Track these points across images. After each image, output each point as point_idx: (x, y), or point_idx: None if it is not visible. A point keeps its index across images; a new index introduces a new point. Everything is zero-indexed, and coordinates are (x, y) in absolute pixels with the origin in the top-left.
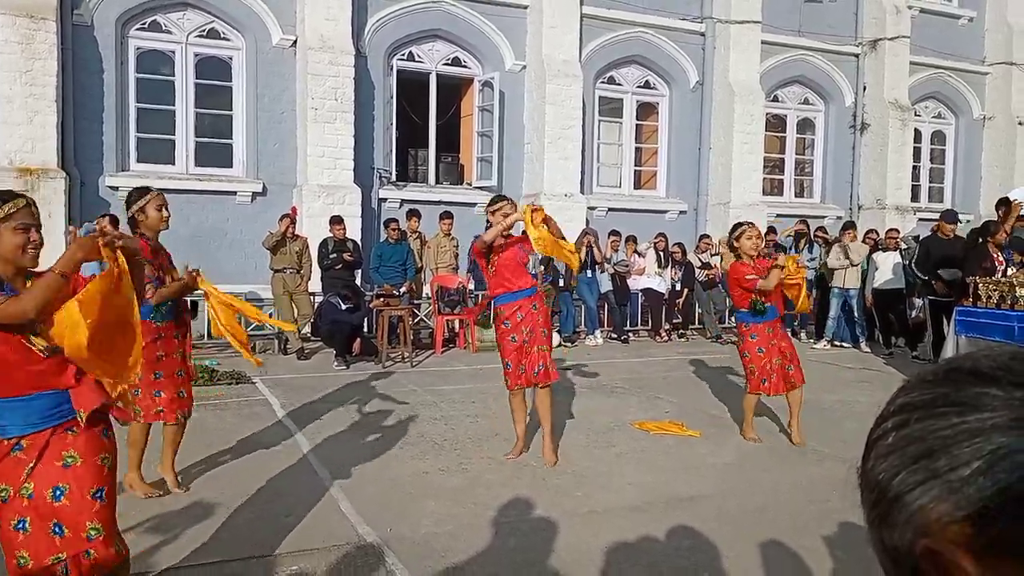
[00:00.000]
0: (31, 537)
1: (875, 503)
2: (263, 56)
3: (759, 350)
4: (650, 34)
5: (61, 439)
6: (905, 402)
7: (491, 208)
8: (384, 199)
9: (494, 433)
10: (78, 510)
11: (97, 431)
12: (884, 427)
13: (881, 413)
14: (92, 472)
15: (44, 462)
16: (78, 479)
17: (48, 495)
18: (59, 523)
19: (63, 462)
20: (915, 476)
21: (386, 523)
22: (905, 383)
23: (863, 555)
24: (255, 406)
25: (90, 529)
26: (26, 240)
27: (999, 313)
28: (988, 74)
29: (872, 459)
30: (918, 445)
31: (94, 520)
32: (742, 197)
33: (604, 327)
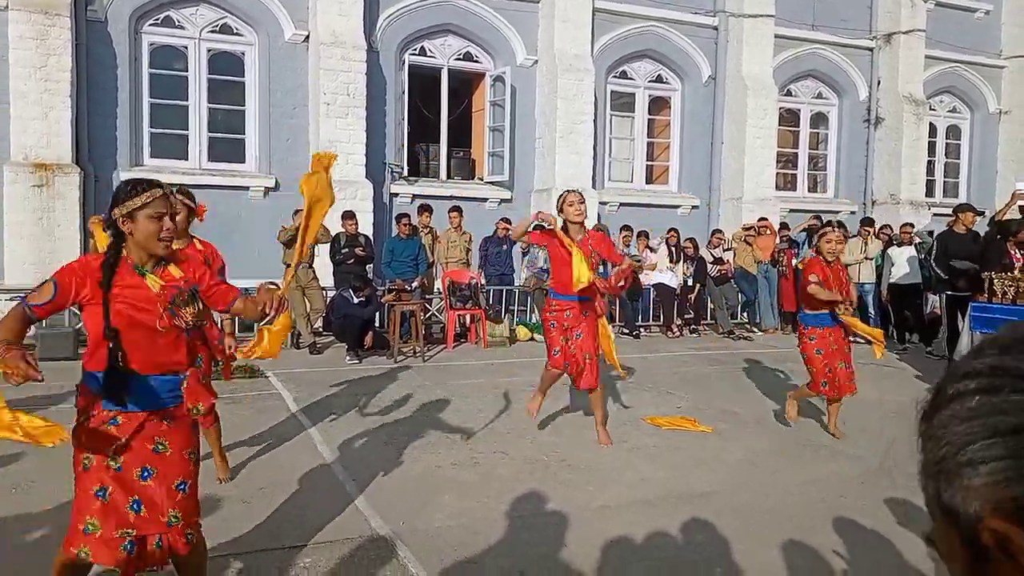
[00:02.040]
0: (108, 507)
1: (941, 459)
2: (275, 51)
3: (817, 351)
4: (662, 28)
5: (156, 425)
6: (999, 364)
7: (559, 205)
8: (396, 194)
9: (506, 428)
10: (161, 495)
11: (188, 426)
12: (967, 385)
13: (964, 366)
14: (179, 463)
15: (137, 442)
16: (166, 466)
17: (136, 473)
18: (139, 500)
19: (154, 447)
20: (995, 450)
21: (399, 516)
22: (1000, 334)
23: (874, 554)
24: (268, 400)
25: (171, 516)
26: (160, 228)
27: (1015, 309)
28: (1004, 68)
29: (947, 415)
30: (1006, 418)
31: (176, 508)
32: (755, 192)
33: (616, 322)
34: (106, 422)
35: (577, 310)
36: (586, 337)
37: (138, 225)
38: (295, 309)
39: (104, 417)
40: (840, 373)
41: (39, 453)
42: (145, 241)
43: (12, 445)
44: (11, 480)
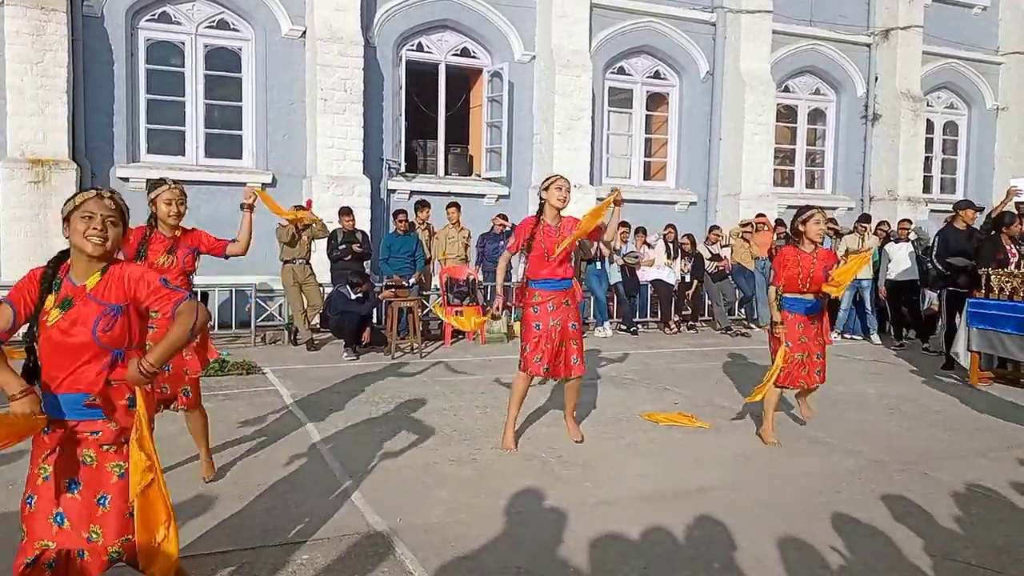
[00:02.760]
0: (35, 514)
1: None
2: (272, 47)
3: (786, 344)
4: (660, 24)
5: (85, 438)
6: None
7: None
8: (393, 190)
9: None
10: (84, 509)
11: (119, 439)
12: None
13: None
14: (102, 477)
15: (67, 452)
16: (89, 480)
17: (64, 484)
18: (62, 513)
19: (82, 459)
20: None
21: (396, 513)
22: None
23: (870, 548)
24: (265, 396)
25: (92, 531)
26: (87, 226)
27: (1011, 305)
28: (1002, 64)
29: None
30: None
31: (95, 523)
32: (753, 188)
33: (613, 318)
34: (42, 428)
35: (559, 299)
36: (567, 326)
37: (73, 227)
38: (292, 305)
39: (40, 423)
40: (808, 364)
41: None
42: (77, 243)
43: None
44: (7, 477)
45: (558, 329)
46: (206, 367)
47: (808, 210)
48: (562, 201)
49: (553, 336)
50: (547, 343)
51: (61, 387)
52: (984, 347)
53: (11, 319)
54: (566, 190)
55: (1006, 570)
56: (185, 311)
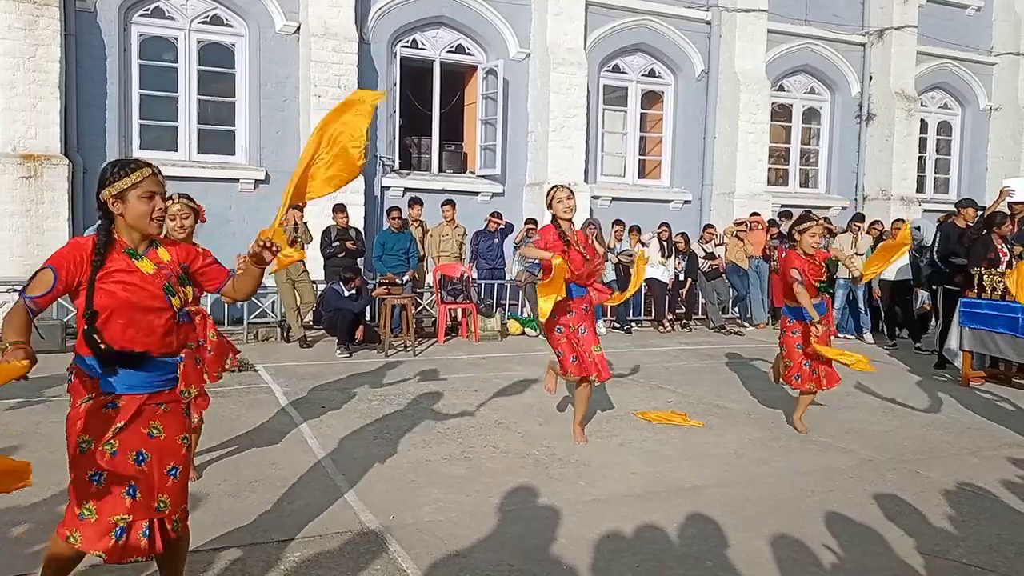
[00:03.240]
0: (103, 491)
1: None
2: (266, 43)
3: (798, 346)
4: (655, 22)
5: (153, 409)
6: None
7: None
8: (387, 187)
9: (497, 423)
10: (154, 480)
11: (182, 411)
12: None
13: None
14: (172, 448)
15: (133, 426)
16: (159, 451)
17: (131, 457)
18: (135, 485)
19: (149, 431)
20: None
21: (389, 511)
22: None
23: (863, 546)
24: (258, 393)
25: (160, 501)
26: (151, 208)
27: (1004, 304)
28: (995, 64)
29: None
30: None
31: (165, 494)
32: (747, 187)
33: (607, 317)
34: (105, 405)
35: (579, 306)
36: (589, 333)
37: (129, 205)
38: (285, 303)
39: (103, 401)
40: (822, 367)
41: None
42: (137, 221)
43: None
44: None
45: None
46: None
47: (807, 220)
48: (569, 211)
49: (580, 336)
50: (576, 343)
51: (148, 350)
52: (976, 346)
53: (51, 284)
54: (568, 199)
55: (997, 568)
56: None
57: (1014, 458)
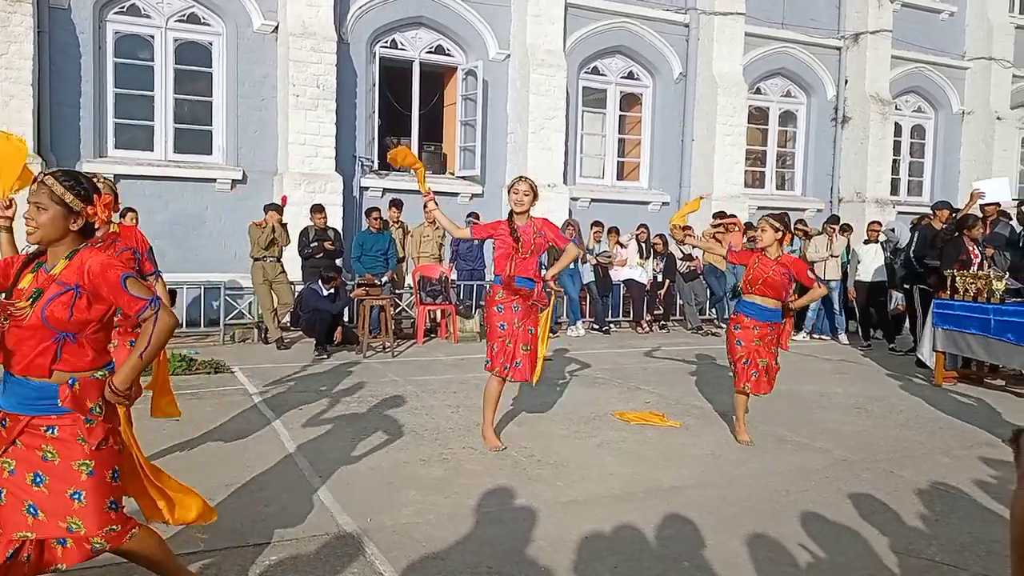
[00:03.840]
0: (4, 508)
1: None
2: (244, 42)
3: (737, 343)
4: (634, 24)
5: (40, 433)
6: None
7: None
8: (366, 188)
9: (475, 423)
10: (56, 502)
11: (75, 438)
12: None
13: None
14: (68, 475)
15: (25, 446)
16: (56, 476)
17: (28, 478)
18: (34, 505)
19: (43, 455)
20: None
21: (366, 513)
22: None
23: (837, 545)
24: (233, 395)
25: (71, 523)
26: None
27: (976, 306)
28: (968, 69)
29: None
30: None
31: (75, 516)
32: (724, 189)
33: (586, 318)
34: (0, 422)
35: (524, 300)
36: (527, 329)
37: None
38: (262, 304)
39: (0, 416)
40: (759, 369)
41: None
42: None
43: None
44: None
45: (520, 330)
46: None
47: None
48: (520, 205)
49: (517, 335)
50: (510, 342)
51: (16, 370)
52: (949, 347)
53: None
54: (522, 192)
55: (969, 566)
56: (147, 326)
57: (985, 457)
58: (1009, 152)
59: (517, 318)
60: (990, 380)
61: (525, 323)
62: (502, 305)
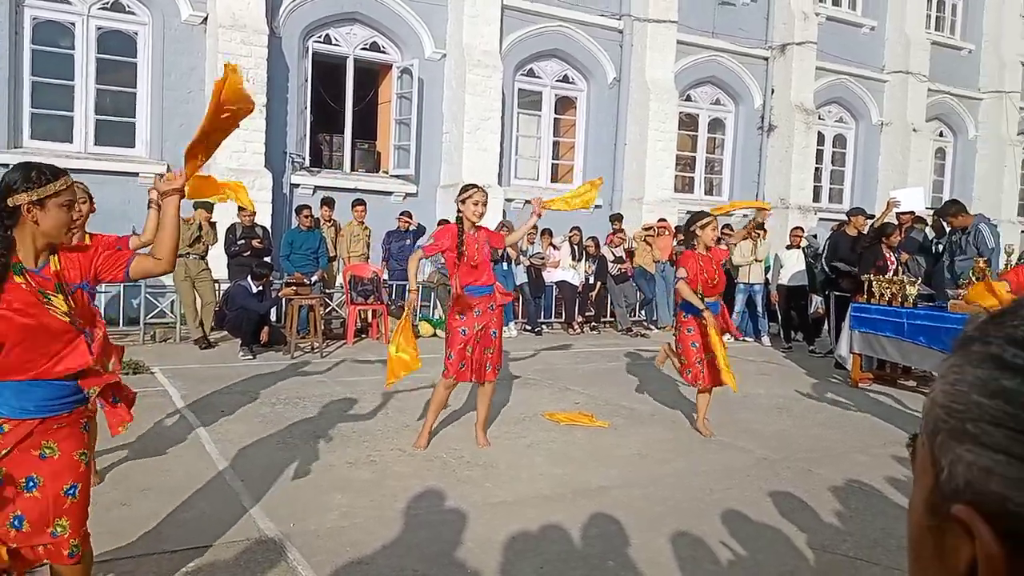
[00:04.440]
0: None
1: (950, 409)
2: (171, 32)
3: (692, 344)
4: (570, 28)
5: (46, 430)
6: None
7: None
8: (296, 185)
9: (404, 425)
10: (47, 505)
11: (79, 425)
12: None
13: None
14: (68, 466)
15: (21, 450)
16: (53, 472)
17: (20, 484)
18: (21, 517)
19: (40, 452)
20: (1015, 447)
21: (290, 518)
22: None
23: (758, 543)
24: (153, 398)
25: (56, 525)
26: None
27: (890, 310)
28: (887, 82)
29: (977, 374)
30: None
31: (63, 516)
32: (655, 193)
33: (518, 319)
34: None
35: (485, 305)
36: (492, 332)
37: (49, 214)
38: (183, 302)
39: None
40: (709, 364)
41: None
42: (54, 231)
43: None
44: None
45: (482, 334)
46: None
47: (704, 216)
48: (479, 216)
49: (477, 340)
50: (471, 349)
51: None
52: (865, 349)
53: None
54: (483, 204)
55: (880, 561)
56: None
57: (898, 456)
58: (923, 163)
59: (478, 322)
60: (903, 381)
61: (487, 327)
62: (463, 313)
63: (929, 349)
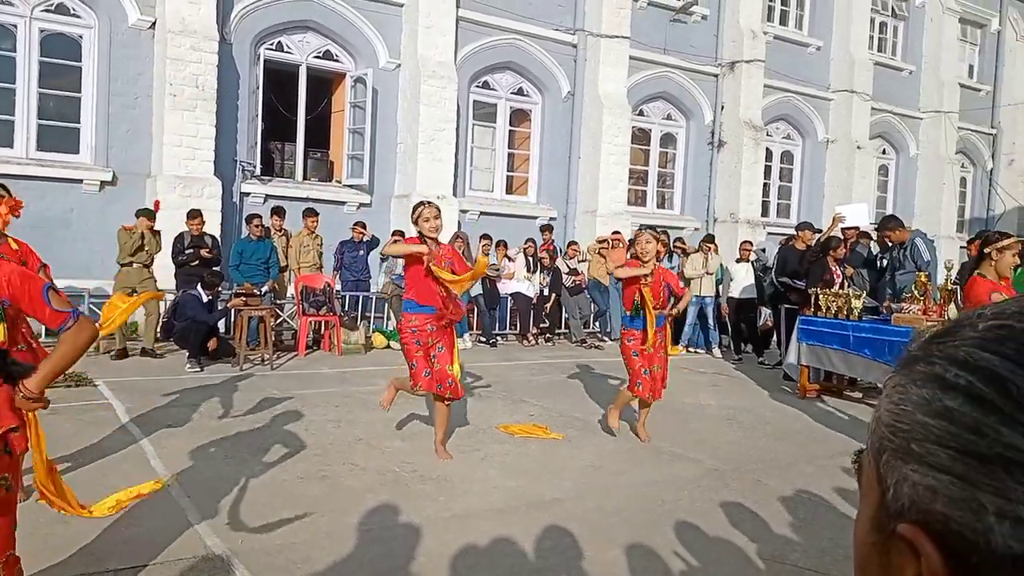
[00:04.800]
0: None
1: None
2: (118, 37)
3: (634, 353)
4: (524, 42)
5: None
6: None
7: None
8: (247, 193)
9: (357, 438)
10: None
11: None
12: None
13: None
14: None
15: None
16: None
17: None
18: None
19: None
20: (957, 467)
21: (238, 534)
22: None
23: (709, 553)
24: (96, 411)
25: None
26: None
27: (836, 323)
28: (832, 100)
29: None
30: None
31: None
32: (608, 206)
33: (473, 330)
34: None
35: (437, 322)
36: (447, 351)
37: None
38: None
39: None
40: (655, 375)
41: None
42: None
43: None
44: None
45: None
46: None
47: (639, 231)
48: (435, 231)
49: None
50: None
51: None
52: (813, 361)
53: None
54: (435, 218)
55: (828, 571)
56: (69, 336)
57: (845, 466)
58: (867, 179)
59: (432, 338)
60: (849, 392)
61: (446, 343)
62: (416, 329)
63: (874, 361)
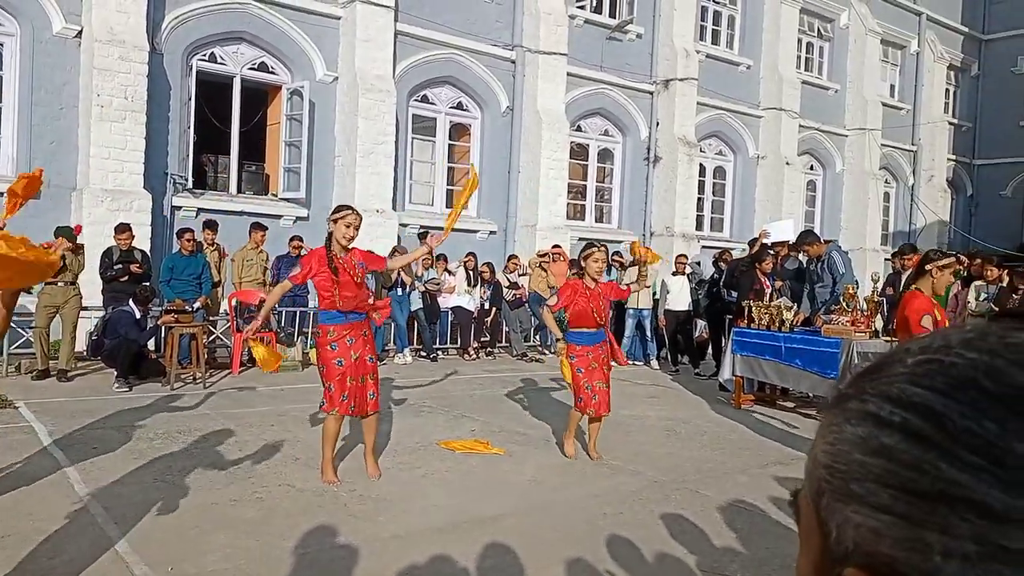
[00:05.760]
0: None
1: (832, 470)
2: (41, 45)
3: (578, 370)
4: (463, 57)
5: None
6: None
7: (333, 216)
8: (178, 207)
9: (294, 458)
10: None
11: None
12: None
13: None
14: None
15: None
16: None
17: None
18: None
19: None
20: (899, 506)
21: (167, 561)
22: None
23: (651, 565)
24: (16, 434)
25: None
26: None
27: (768, 334)
28: (762, 117)
29: (855, 432)
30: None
31: None
32: (548, 220)
33: (413, 345)
34: None
35: (358, 331)
36: (368, 358)
37: None
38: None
39: None
40: (598, 392)
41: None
42: None
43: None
44: None
45: (358, 362)
46: None
47: (591, 247)
48: (348, 240)
49: (357, 370)
50: (351, 379)
51: None
52: (746, 372)
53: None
54: (355, 228)
55: None
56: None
57: (778, 476)
58: (796, 194)
59: (353, 351)
60: (782, 402)
61: (363, 353)
62: (335, 343)
63: (805, 372)
